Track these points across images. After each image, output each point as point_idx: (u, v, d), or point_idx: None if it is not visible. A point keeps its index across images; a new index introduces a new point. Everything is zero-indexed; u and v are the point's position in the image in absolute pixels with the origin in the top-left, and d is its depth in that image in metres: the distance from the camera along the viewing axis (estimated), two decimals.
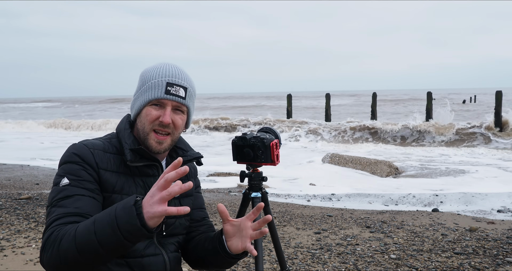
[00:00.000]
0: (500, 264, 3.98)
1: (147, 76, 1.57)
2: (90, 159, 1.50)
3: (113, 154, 1.55)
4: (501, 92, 17.82)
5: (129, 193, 1.52)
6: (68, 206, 1.41)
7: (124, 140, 1.55)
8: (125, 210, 1.22)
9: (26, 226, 5.16)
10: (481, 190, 8.06)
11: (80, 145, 1.54)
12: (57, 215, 1.39)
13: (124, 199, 1.29)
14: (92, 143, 1.56)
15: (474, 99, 53.91)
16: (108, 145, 1.57)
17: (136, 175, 1.56)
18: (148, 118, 1.54)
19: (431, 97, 20.04)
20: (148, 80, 1.56)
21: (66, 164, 1.51)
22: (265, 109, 42.45)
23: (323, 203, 7.33)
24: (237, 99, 79.59)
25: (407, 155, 13.87)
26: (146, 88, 1.55)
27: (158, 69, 1.56)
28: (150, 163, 1.57)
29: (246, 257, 1.69)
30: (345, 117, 25.92)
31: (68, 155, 1.52)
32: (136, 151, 1.53)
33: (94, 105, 68.28)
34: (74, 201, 1.42)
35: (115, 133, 1.63)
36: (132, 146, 1.53)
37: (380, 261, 4.11)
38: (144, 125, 1.55)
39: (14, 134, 21.97)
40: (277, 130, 1.96)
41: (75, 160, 1.49)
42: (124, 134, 1.57)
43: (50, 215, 1.41)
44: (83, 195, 1.44)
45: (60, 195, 1.44)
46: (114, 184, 1.51)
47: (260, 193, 1.94)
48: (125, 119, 1.64)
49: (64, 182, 1.46)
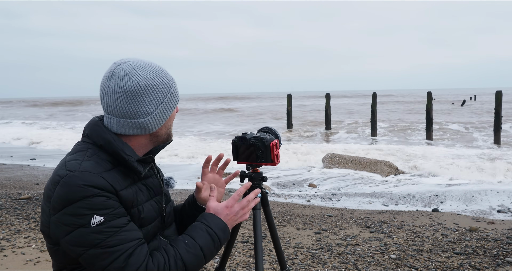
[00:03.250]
0: (500, 264, 3.98)
1: (165, 84, 1.49)
2: (106, 185, 1.35)
3: (112, 170, 1.42)
4: (501, 92, 17.81)
5: (141, 202, 1.48)
6: (126, 241, 1.34)
7: (124, 152, 1.43)
8: (223, 231, 1.52)
9: (26, 226, 5.16)
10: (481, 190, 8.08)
11: (83, 174, 1.33)
12: (125, 252, 1.33)
13: (208, 219, 1.52)
14: (90, 166, 1.37)
15: (474, 99, 53.97)
16: (101, 162, 1.41)
17: (136, 180, 1.52)
18: (173, 119, 1.58)
19: (431, 97, 20.04)
20: (170, 87, 1.50)
21: (82, 201, 1.30)
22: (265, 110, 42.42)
23: (323, 203, 7.33)
24: (237, 101, 79.60)
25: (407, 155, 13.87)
26: (171, 95, 1.51)
27: (164, 73, 1.50)
28: (151, 165, 1.56)
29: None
30: (345, 118, 25.95)
31: (78, 190, 1.30)
32: (142, 160, 1.48)
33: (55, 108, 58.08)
34: (126, 233, 1.35)
35: (94, 146, 1.45)
36: (136, 156, 1.47)
37: (380, 261, 4.11)
38: (171, 126, 1.58)
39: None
40: (277, 130, 1.96)
41: (93, 193, 1.32)
42: (118, 146, 1.43)
43: (111, 256, 1.31)
44: (126, 224, 1.37)
45: (103, 235, 1.31)
46: (131, 200, 1.43)
47: (260, 193, 1.93)
48: (104, 129, 1.45)
49: (96, 220, 1.30)
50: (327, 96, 23.04)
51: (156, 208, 1.55)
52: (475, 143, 17.03)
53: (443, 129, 21.89)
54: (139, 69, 1.44)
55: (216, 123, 28.84)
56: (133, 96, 1.42)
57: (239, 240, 4.69)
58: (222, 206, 1.53)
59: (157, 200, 1.57)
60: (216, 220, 1.50)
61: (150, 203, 1.53)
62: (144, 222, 1.47)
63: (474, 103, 47.44)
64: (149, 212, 1.50)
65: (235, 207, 1.55)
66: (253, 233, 1.86)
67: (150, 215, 1.50)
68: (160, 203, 1.58)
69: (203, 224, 1.49)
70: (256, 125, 26.42)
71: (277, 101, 66.07)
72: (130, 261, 1.33)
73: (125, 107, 1.43)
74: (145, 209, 1.49)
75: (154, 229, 1.53)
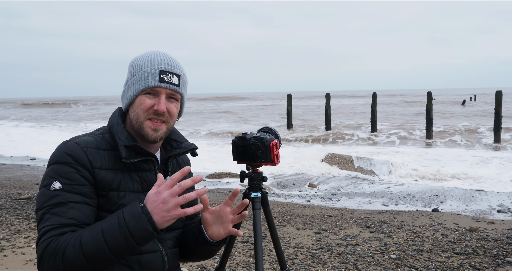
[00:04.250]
0: (500, 264, 3.98)
1: (138, 64, 1.52)
2: (84, 159, 1.43)
3: (107, 150, 1.49)
4: (501, 92, 17.81)
5: (126, 189, 1.50)
6: (62, 215, 1.37)
7: (118, 136, 1.49)
8: (136, 218, 1.29)
9: (26, 226, 5.16)
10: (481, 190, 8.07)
11: (72, 144, 1.46)
12: (51, 225, 1.36)
13: (127, 206, 1.35)
14: (85, 140, 1.48)
15: (474, 99, 53.96)
16: (101, 141, 1.50)
17: (132, 170, 1.52)
18: (142, 108, 1.50)
19: (431, 97, 20.04)
20: (140, 69, 1.51)
21: (57, 165, 1.43)
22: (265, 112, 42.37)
23: (323, 203, 7.33)
24: (237, 101, 79.57)
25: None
26: (138, 77, 1.51)
27: (150, 57, 1.53)
28: (146, 158, 1.54)
29: (225, 244, 1.69)
30: (345, 118, 25.94)
31: (59, 155, 1.44)
32: (131, 147, 1.49)
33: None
34: (68, 209, 1.38)
35: (107, 128, 1.57)
36: (127, 142, 1.48)
37: (380, 261, 4.11)
38: (138, 115, 1.51)
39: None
40: (277, 130, 1.96)
41: (67, 161, 1.42)
42: (117, 129, 1.51)
43: (43, 223, 1.37)
44: (77, 201, 1.40)
45: (52, 200, 1.39)
46: (110, 181, 1.47)
47: (260, 193, 1.93)
48: (117, 113, 1.58)
49: (55, 186, 1.40)
50: (327, 97, 23.04)
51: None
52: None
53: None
54: (146, 52, 1.59)
55: (216, 124, 28.81)
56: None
57: (239, 240, 4.69)
58: (152, 192, 1.33)
59: None
60: (134, 207, 1.31)
61: (139, 196, 1.51)
62: (122, 208, 1.44)
63: (474, 104, 47.42)
64: (132, 201, 1.45)
65: (164, 193, 1.30)
66: (253, 233, 1.86)
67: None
68: None
69: (121, 210, 1.35)
70: (256, 126, 26.41)
71: (278, 101, 66.01)
72: (48, 233, 1.35)
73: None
74: (127, 197, 1.49)
75: None
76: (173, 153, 1.63)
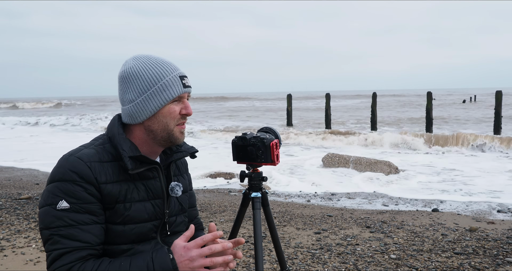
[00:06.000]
0: (500, 264, 3.98)
1: (152, 75, 1.49)
2: (89, 175, 1.40)
3: (110, 162, 1.47)
4: (501, 92, 17.81)
5: (131, 199, 1.48)
6: (74, 239, 1.36)
7: (121, 147, 1.46)
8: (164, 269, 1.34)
9: (26, 226, 5.16)
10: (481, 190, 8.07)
11: (74, 159, 1.42)
12: (65, 249, 1.35)
13: (156, 255, 1.37)
14: (86, 154, 1.44)
15: (474, 99, 53.96)
16: (103, 153, 1.47)
17: (136, 179, 1.51)
18: (173, 116, 1.50)
19: (431, 97, 20.04)
20: (159, 79, 1.48)
21: (61, 182, 1.39)
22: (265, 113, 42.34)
23: (323, 203, 7.33)
24: (237, 101, 79.54)
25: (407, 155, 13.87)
26: (161, 88, 1.48)
27: (161, 66, 1.50)
28: (150, 167, 1.52)
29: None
30: (345, 119, 25.93)
31: (63, 172, 1.40)
32: (135, 157, 1.48)
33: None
34: (78, 231, 1.37)
35: (106, 137, 1.53)
36: (131, 152, 1.46)
37: (380, 261, 4.11)
38: (168, 124, 1.50)
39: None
40: (277, 130, 1.96)
41: (73, 179, 1.39)
42: (119, 139, 1.48)
43: (54, 245, 1.36)
44: (86, 222, 1.39)
45: (60, 221, 1.37)
46: (117, 195, 1.45)
47: (260, 193, 1.93)
48: (116, 122, 1.53)
49: (62, 205, 1.37)
50: (327, 97, 23.04)
51: (151, 211, 1.51)
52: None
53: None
54: (135, 59, 1.52)
55: (216, 123, 28.81)
56: (121, 83, 1.52)
57: None
58: (180, 245, 1.38)
59: (156, 203, 1.53)
60: (164, 258, 1.36)
61: (144, 204, 1.50)
62: (128, 220, 1.46)
63: (475, 103, 47.40)
64: (138, 211, 1.48)
65: (193, 251, 1.36)
66: (253, 233, 1.86)
67: (138, 215, 1.48)
68: (160, 207, 1.54)
69: (150, 255, 1.39)
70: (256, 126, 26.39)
71: (278, 101, 66.01)
72: (64, 256, 1.35)
73: (119, 93, 1.54)
74: (133, 208, 1.47)
75: (144, 231, 1.50)
76: (174, 158, 1.62)
